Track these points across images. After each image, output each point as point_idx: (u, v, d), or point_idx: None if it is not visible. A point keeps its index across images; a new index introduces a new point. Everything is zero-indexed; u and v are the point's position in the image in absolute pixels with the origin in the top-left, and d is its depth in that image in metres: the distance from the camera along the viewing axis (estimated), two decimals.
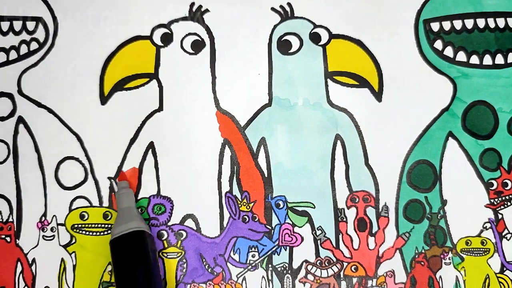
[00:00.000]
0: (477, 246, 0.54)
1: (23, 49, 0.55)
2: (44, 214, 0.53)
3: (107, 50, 0.56)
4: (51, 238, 0.53)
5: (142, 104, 0.56)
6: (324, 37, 0.57)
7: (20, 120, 0.55)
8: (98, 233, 0.53)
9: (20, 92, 0.55)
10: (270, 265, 0.54)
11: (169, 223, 0.54)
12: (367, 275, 0.54)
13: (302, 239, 0.54)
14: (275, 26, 0.57)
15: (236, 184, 0.55)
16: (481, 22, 0.58)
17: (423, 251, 0.54)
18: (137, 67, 0.56)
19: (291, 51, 0.57)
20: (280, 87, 0.56)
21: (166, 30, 0.57)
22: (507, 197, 0.55)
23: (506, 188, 0.55)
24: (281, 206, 0.55)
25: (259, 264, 0.54)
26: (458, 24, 0.58)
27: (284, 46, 0.57)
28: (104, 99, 0.55)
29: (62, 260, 0.53)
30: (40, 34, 0.56)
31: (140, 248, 0.49)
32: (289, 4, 0.57)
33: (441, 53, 0.57)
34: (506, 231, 0.55)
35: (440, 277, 0.54)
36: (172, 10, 0.57)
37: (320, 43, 0.57)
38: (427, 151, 0.56)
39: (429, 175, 0.55)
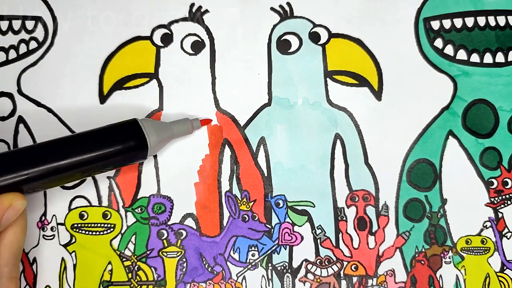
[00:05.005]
0: (477, 245, 0.54)
1: (22, 48, 0.56)
2: (44, 214, 0.54)
3: (107, 50, 0.56)
4: (51, 237, 0.53)
5: (142, 104, 0.56)
6: (324, 36, 0.57)
7: (20, 119, 0.55)
8: (97, 233, 0.53)
9: (20, 91, 0.55)
10: (270, 264, 0.54)
11: (169, 222, 0.54)
12: (367, 274, 0.54)
13: (302, 238, 0.54)
14: (274, 26, 0.57)
15: (236, 183, 0.55)
16: (481, 20, 0.57)
17: (423, 250, 0.54)
18: (137, 67, 0.56)
19: (291, 50, 0.57)
20: (279, 86, 0.56)
21: (166, 31, 0.57)
22: (507, 196, 0.55)
23: (506, 187, 0.55)
24: (281, 205, 0.55)
25: (259, 263, 0.54)
26: (458, 22, 0.57)
27: (284, 46, 0.57)
28: (103, 98, 0.55)
29: (63, 259, 0.53)
30: (39, 33, 0.56)
31: None
32: (288, 4, 0.57)
33: (441, 51, 0.57)
34: (506, 230, 0.54)
35: (440, 276, 0.54)
36: (172, 10, 0.57)
37: (319, 43, 0.57)
38: (427, 150, 0.55)
39: (429, 174, 0.55)
